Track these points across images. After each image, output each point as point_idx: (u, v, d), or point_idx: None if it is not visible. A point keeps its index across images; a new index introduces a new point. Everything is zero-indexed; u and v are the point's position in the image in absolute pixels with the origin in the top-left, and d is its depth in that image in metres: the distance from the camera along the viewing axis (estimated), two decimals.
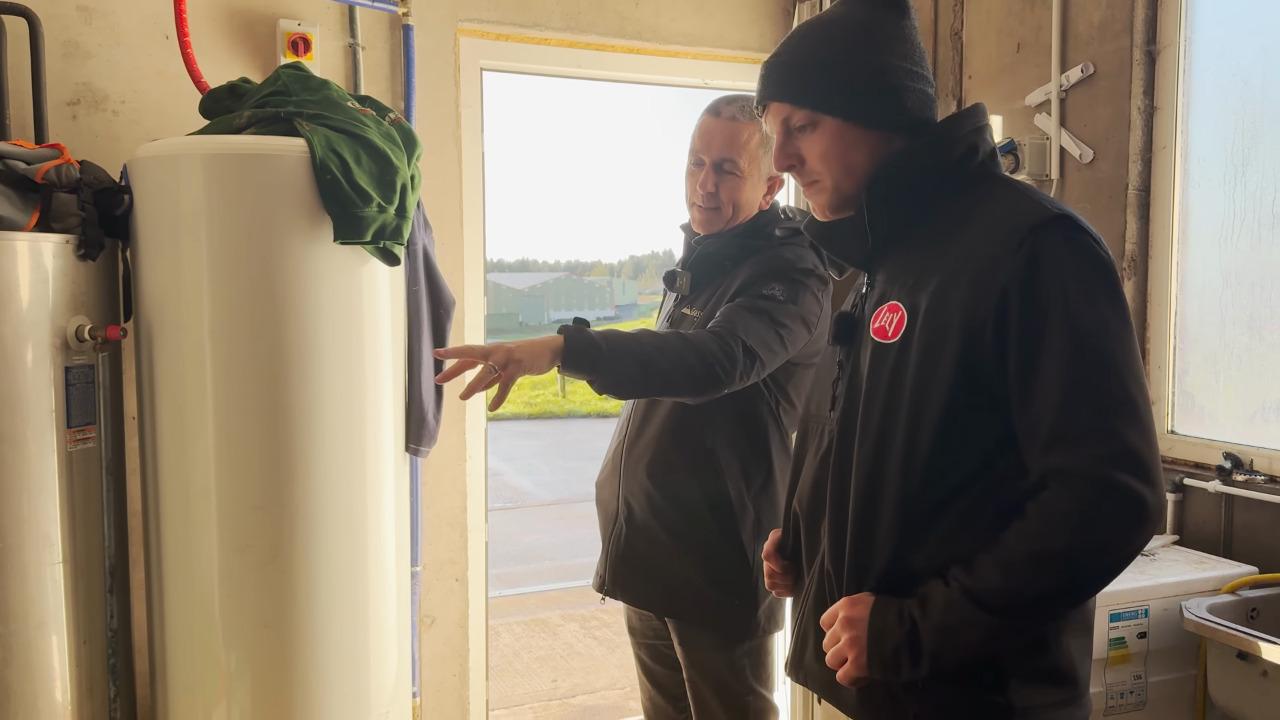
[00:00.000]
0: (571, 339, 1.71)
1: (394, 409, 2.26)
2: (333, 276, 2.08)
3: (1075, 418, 1.20)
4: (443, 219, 2.86)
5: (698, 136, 2.06)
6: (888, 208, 1.40)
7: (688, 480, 1.99)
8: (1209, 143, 2.68)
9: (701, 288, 2.09)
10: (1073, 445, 1.20)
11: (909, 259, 1.38)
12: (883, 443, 1.33)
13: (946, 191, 1.39)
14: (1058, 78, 2.93)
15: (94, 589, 2.12)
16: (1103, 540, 1.19)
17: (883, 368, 1.35)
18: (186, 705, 2.13)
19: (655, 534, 2.01)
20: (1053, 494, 1.21)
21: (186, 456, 2.07)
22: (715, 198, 2.04)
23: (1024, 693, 1.29)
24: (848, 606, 1.32)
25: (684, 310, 2.09)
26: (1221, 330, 2.65)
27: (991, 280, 1.25)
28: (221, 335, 2.03)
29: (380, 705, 2.21)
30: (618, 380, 1.76)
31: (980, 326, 1.25)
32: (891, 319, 1.36)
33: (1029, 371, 1.23)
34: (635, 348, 1.76)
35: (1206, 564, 2.46)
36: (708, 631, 2.01)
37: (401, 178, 2.11)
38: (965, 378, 1.27)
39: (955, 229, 1.34)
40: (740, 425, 1.98)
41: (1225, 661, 2.16)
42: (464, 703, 3.04)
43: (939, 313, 1.29)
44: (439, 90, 2.88)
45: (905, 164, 1.39)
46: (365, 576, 2.17)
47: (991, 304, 1.25)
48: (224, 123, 2.16)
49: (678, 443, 1.99)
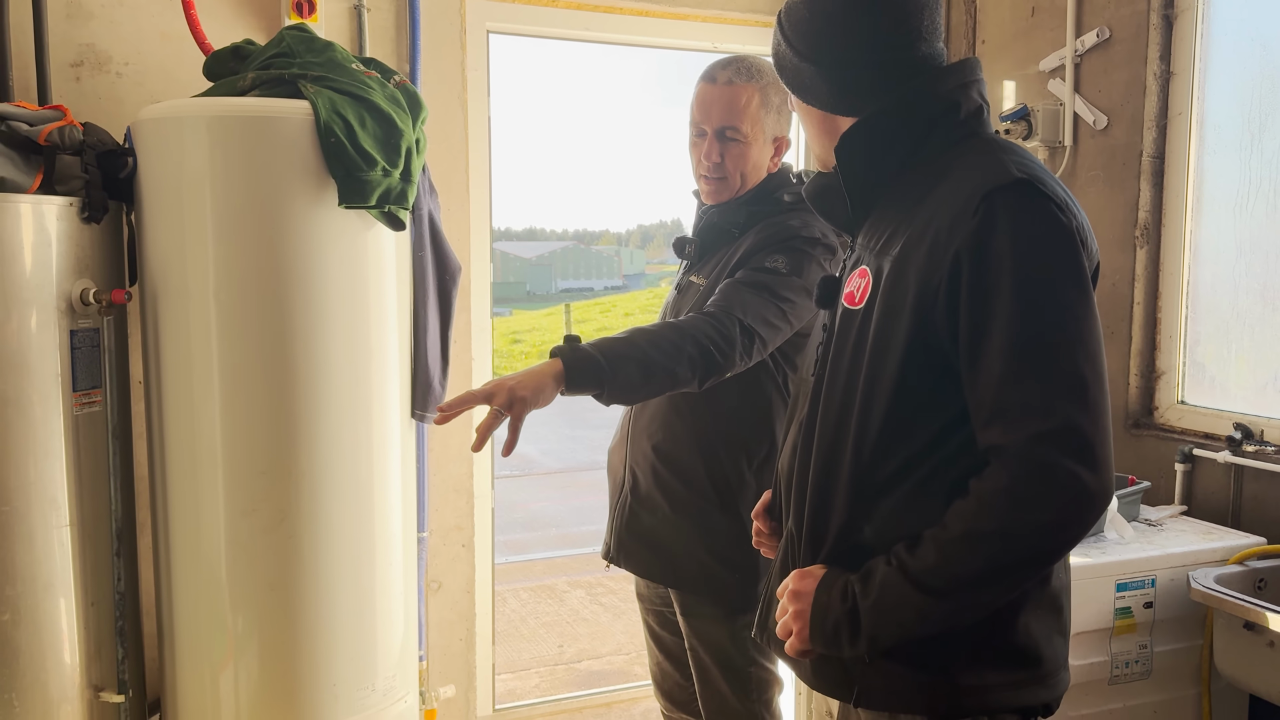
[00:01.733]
0: (570, 361, 1.67)
1: (399, 374, 2.26)
2: (337, 241, 2.07)
3: (1017, 392, 1.15)
4: (449, 184, 2.84)
5: (696, 106, 2.02)
6: (859, 166, 1.36)
7: (690, 453, 1.98)
8: (1226, 109, 2.64)
9: (708, 256, 2.06)
10: (1012, 421, 1.15)
11: (882, 220, 1.36)
12: (842, 411, 1.32)
13: (922, 152, 1.33)
14: (1073, 42, 2.89)
15: (101, 552, 2.13)
16: (1036, 523, 1.14)
17: (848, 334, 1.33)
18: (194, 668, 2.15)
19: (658, 505, 2.01)
20: (991, 471, 1.17)
21: (193, 421, 2.07)
22: (721, 168, 2.00)
23: (973, 671, 1.26)
24: (797, 579, 1.31)
25: (690, 278, 2.07)
26: (1234, 299, 2.63)
27: (947, 247, 1.21)
28: (226, 299, 2.02)
29: (387, 668, 2.22)
30: (623, 390, 1.73)
31: (934, 293, 1.21)
32: (860, 285, 1.33)
33: (976, 343, 1.18)
34: (634, 353, 1.72)
35: (1215, 534, 2.45)
36: (709, 603, 2.01)
37: (406, 141, 2.09)
38: (919, 346, 1.23)
39: (926, 190, 1.29)
40: (744, 398, 1.96)
41: (1232, 632, 2.16)
42: (470, 666, 3.06)
43: (899, 279, 1.26)
44: (445, 53, 2.84)
45: (871, 126, 1.34)
46: (372, 541, 2.18)
47: (944, 272, 1.20)
48: (228, 85, 2.14)
49: (681, 415, 1.98)
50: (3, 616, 1.98)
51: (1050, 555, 1.19)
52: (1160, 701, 2.34)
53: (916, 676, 1.27)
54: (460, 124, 2.87)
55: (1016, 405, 1.15)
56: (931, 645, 1.26)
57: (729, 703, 2.04)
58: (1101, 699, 2.29)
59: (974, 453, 1.21)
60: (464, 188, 2.90)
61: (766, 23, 3.20)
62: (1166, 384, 2.80)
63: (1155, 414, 2.82)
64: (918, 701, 1.28)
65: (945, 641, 1.25)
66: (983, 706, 1.27)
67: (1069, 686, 1.36)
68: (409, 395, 2.33)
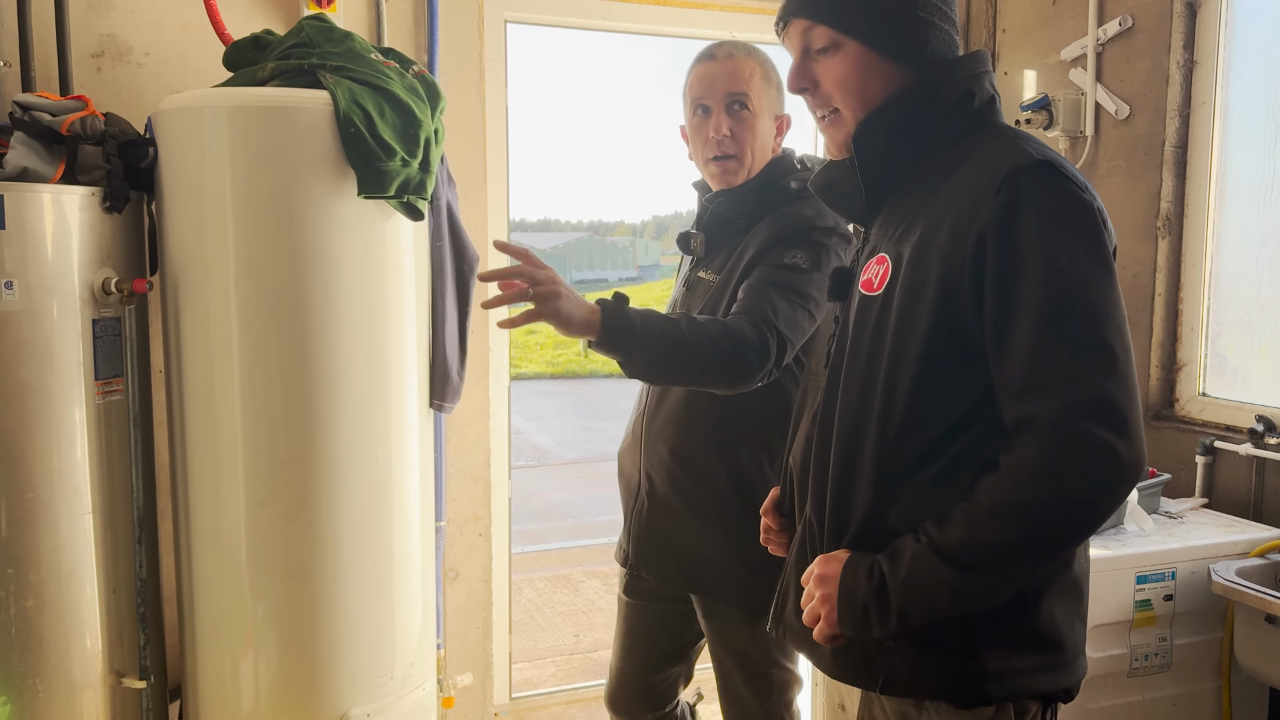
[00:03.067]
0: (609, 315, 1.61)
1: (418, 364, 2.26)
2: (356, 230, 2.08)
3: (1047, 365, 1.15)
4: (466, 174, 2.84)
5: (697, 83, 1.95)
6: (877, 157, 1.35)
7: (710, 455, 1.93)
8: (1250, 98, 2.61)
9: (717, 249, 2.00)
10: (1043, 393, 1.14)
11: (899, 209, 1.34)
12: (864, 397, 1.30)
13: (938, 140, 1.33)
14: (1094, 31, 2.86)
15: (123, 539, 2.14)
16: (1069, 493, 1.13)
17: (867, 321, 1.32)
18: (214, 655, 2.16)
19: (677, 509, 1.97)
20: (1021, 444, 1.16)
21: (213, 410, 2.08)
22: (732, 141, 1.92)
23: (999, 656, 1.25)
24: (822, 564, 1.30)
25: (700, 274, 2.01)
26: (1257, 291, 2.61)
27: (970, 228, 1.21)
28: (246, 289, 2.03)
29: (405, 656, 2.24)
30: (647, 366, 1.68)
31: (958, 276, 1.21)
32: (878, 271, 1.32)
33: (1003, 320, 1.18)
34: (673, 332, 1.67)
35: (1236, 527, 2.43)
36: (732, 607, 1.97)
37: (425, 131, 2.09)
38: (943, 329, 1.23)
39: (944, 178, 1.29)
40: (765, 397, 1.89)
41: (1253, 625, 2.15)
42: (487, 655, 3.07)
43: (920, 263, 1.25)
44: (463, 43, 2.84)
45: (894, 111, 1.33)
46: (390, 530, 2.19)
47: (969, 252, 1.20)
48: (248, 75, 2.15)
49: (697, 415, 1.93)
50: (26, 602, 2.00)
51: (1084, 527, 1.17)
52: (1179, 694, 2.33)
53: (943, 662, 1.26)
54: (478, 114, 2.87)
55: (1047, 377, 1.15)
56: (956, 630, 1.25)
57: (749, 706, 2.02)
58: (1120, 691, 2.28)
59: (999, 436, 1.20)
60: (481, 178, 2.90)
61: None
62: (1188, 376, 2.78)
63: (1176, 406, 2.80)
64: (944, 687, 1.28)
65: (971, 626, 1.25)
66: (1008, 692, 1.26)
67: (1087, 677, 1.36)
68: (427, 385, 2.34)
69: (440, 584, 2.86)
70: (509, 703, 3.21)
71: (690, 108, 1.98)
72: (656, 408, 1.99)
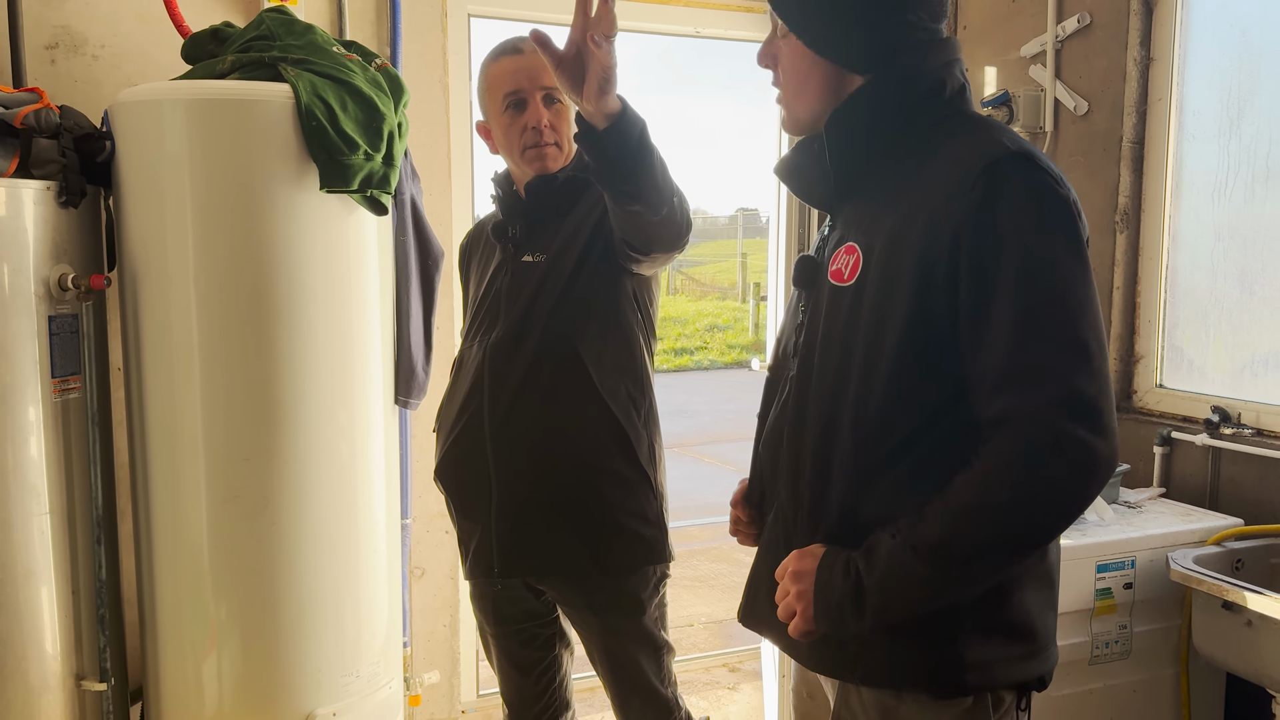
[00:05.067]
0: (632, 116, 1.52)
1: (382, 360, 2.25)
2: (319, 225, 2.05)
3: (1023, 361, 1.15)
4: (430, 169, 2.82)
5: (506, 78, 1.92)
6: (848, 145, 1.34)
7: (586, 413, 1.89)
8: (1205, 95, 2.66)
9: (537, 234, 1.97)
10: (1019, 389, 1.14)
11: (869, 199, 1.34)
12: (838, 389, 1.30)
13: (910, 129, 1.33)
14: (1053, 28, 2.90)
15: (82, 540, 2.11)
16: (1046, 490, 1.14)
17: (838, 311, 1.31)
18: (177, 656, 2.13)
19: (556, 479, 1.90)
20: (997, 440, 1.16)
21: (174, 407, 2.05)
22: (553, 131, 1.93)
23: (976, 646, 1.26)
24: (797, 560, 1.30)
25: (525, 258, 1.97)
26: (1212, 284, 2.66)
27: (945, 220, 1.20)
28: (207, 285, 2.00)
29: (371, 654, 2.22)
30: (638, 178, 1.58)
31: (933, 267, 1.21)
32: (848, 261, 1.31)
33: (979, 313, 1.18)
34: (659, 159, 1.61)
35: (1193, 516, 2.48)
36: (624, 578, 1.95)
37: (389, 125, 2.07)
38: (919, 321, 1.22)
39: (916, 168, 1.29)
40: (623, 353, 1.92)
41: (1210, 612, 2.19)
42: (454, 652, 3.06)
43: (893, 254, 1.25)
44: (426, 37, 2.82)
45: (867, 100, 1.33)
46: (355, 528, 2.17)
47: (945, 245, 1.20)
48: (207, 68, 2.12)
49: (557, 380, 1.89)
50: None
51: (1060, 523, 1.18)
52: (1139, 681, 2.37)
53: (921, 653, 1.27)
54: (442, 108, 2.85)
55: (1023, 374, 1.15)
56: (935, 621, 1.25)
57: (658, 695, 2.00)
58: (1082, 679, 2.32)
59: (974, 430, 1.20)
60: (446, 172, 2.88)
61: (747, 7, 3.20)
62: (1145, 368, 2.83)
63: (1134, 397, 2.85)
64: (922, 677, 1.28)
65: (948, 617, 1.25)
66: (986, 682, 1.27)
67: None
68: (392, 381, 2.32)
69: (406, 581, 2.84)
70: (476, 699, 3.20)
71: (498, 103, 1.95)
72: (495, 400, 1.92)
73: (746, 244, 25.30)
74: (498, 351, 1.93)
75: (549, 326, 1.89)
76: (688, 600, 5.00)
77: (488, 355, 1.94)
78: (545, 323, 1.89)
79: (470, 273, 2.16)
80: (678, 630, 4.47)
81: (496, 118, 1.96)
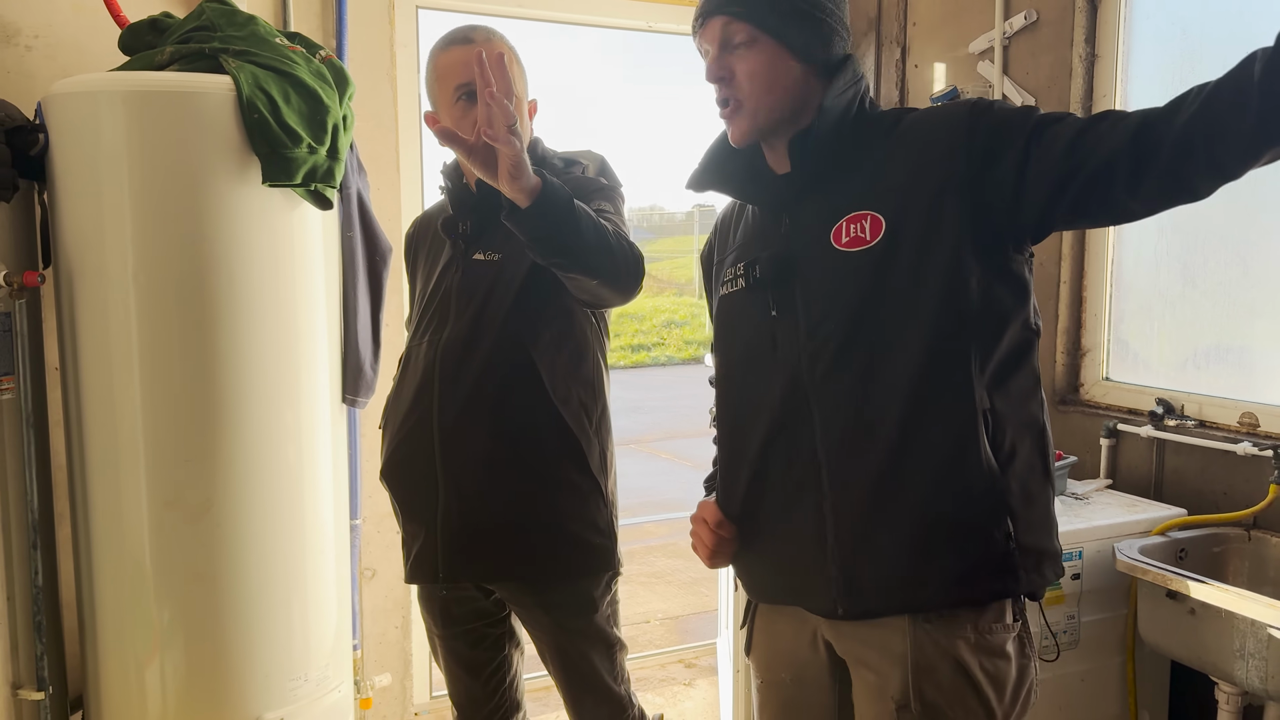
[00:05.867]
0: (553, 190, 1.54)
1: (329, 358, 2.21)
2: (262, 220, 2.01)
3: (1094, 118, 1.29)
4: (378, 163, 2.78)
5: (459, 68, 1.83)
6: (834, 143, 1.44)
7: (537, 419, 1.86)
8: (1148, 91, 2.70)
9: (490, 231, 1.90)
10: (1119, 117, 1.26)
11: (844, 183, 1.42)
12: (885, 335, 1.35)
13: (861, 123, 1.45)
14: (1001, 25, 2.93)
15: (17, 544, 2.05)
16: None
17: (871, 267, 1.36)
18: (118, 662, 2.08)
19: (506, 486, 1.87)
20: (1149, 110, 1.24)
21: (113, 408, 2.00)
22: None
23: (1021, 559, 1.37)
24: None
25: (476, 256, 1.91)
26: (1156, 279, 2.70)
27: (952, 144, 1.34)
28: (146, 282, 1.95)
29: (320, 658, 2.18)
30: (563, 246, 1.58)
31: (963, 175, 1.32)
32: (861, 225, 1.38)
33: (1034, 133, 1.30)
34: (589, 220, 1.61)
35: (1138, 507, 2.52)
36: (575, 582, 1.93)
37: (333, 117, 2.04)
38: (972, 214, 1.32)
39: (886, 144, 1.41)
40: (577, 360, 1.90)
41: (1155, 600, 2.22)
42: (406, 654, 3.02)
43: (918, 194, 1.35)
44: (373, 29, 2.78)
45: (835, 105, 1.43)
46: (302, 529, 2.13)
47: (960, 154, 1.32)
48: (145, 59, 2.06)
49: (509, 385, 1.86)
50: None
51: None
52: (1087, 670, 2.40)
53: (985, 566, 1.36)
54: (389, 101, 2.81)
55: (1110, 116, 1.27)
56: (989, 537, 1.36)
57: (612, 693, 1.99)
58: None
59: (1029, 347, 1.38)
60: (394, 167, 2.84)
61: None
62: (1092, 361, 2.87)
63: (1081, 390, 2.89)
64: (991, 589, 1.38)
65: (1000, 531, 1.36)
66: (1026, 587, 1.40)
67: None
68: (339, 380, 2.29)
69: (356, 583, 2.80)
70: (430, 701, 3.17)
71: (449, 94, 1.86)
72: (446, 402, 1.88)
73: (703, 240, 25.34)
74: (449, 352, 1.88)
75: (503, 331, 1.85)
76: (644, 597, 5.00)
77: (439, 356, 1.89)
78: (499, 327, 1.85)
79: (418, 265, 2.09)
80: (634, 627, 4.46)
81: (447, 109, 1.89)
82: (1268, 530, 2.34)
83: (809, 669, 1.54)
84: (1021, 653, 1.43)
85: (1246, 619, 1.99)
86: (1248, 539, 2.36)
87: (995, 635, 1.39)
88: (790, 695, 1.58)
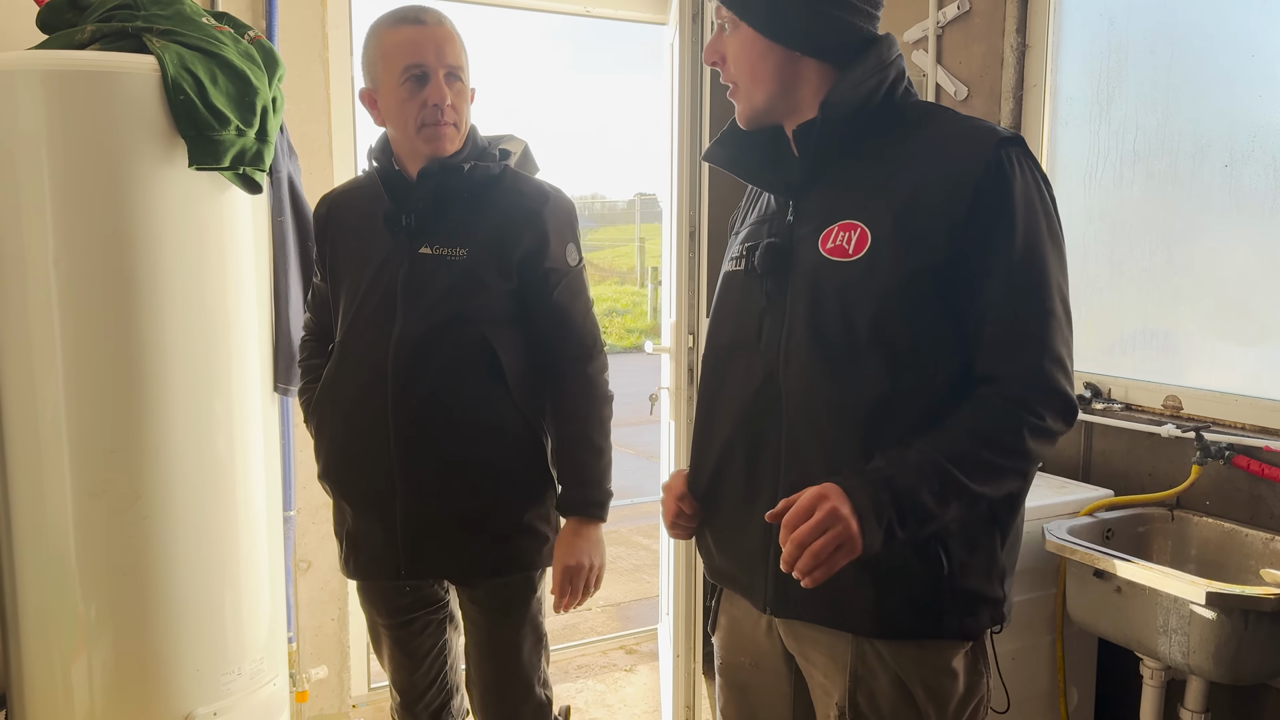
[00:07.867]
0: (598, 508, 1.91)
1: (260, 346, 2.16)
2: (188, 205, 1.96)
3: (1022, 329, 1.30)
4: (310, 147, 2.73)
5: (408, 49, 1.78)
6: (836, 132, 1.37)
7: (497, 422, 1.86)
8: (1077, 82, 2.75)
9: (442, 222, 1.85)
10: (1018, 351, 1.29)
11: (852, 181, 1.37)
12: (849, 355, 1.32)
13: (884, 116, 1.38)
14: (935, 14, 2.96)
15: None
16: (1047, 428, 1.29)
17: (845, 284, 1.33)
18: (43, 659, 2.02)
19: (469, 482, 1.86)
20: (998, 388, 1.28)
21: (34, 397, 1.94)
22: (453, 111, 1.82)
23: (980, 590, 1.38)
24: (816, 499, 1.24)
25: (423, 250, 1.84)
26: (1084, 266, 2.75)
27: (961, 187, 1.29)
28: (68, 268, 1.89)
29: (254, 651, 2.14)
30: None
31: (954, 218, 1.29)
32: (848, 236, 1.34)
33: (979, 276, 1.29)
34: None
35: (1067, 488, 2.57)
36: (529, 573, 1.94)
37: (262, 99, 1.99)
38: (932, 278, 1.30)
39: (904, 148, 1.35)
40: (526, 356, 1.91)
41: (1083, 580, 2.27)
42: (343, 646, 2.99)
43: (911, 222, 1.30)
44: (304, 9, 2.72)
45: (845, 99, 1.36)
46: (233, 521, 2.09)
47: (964, 208, 1.28)
48: (65, 38, 2.00)
49: (470, 382, 1.84)
50: None
51: (1042, 459, 1.34)
52: (1018, 649, 2.45)
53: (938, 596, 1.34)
54: (322, 84, 2.76)
55: (1023, 338, 1.29)
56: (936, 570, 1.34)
57: (534, 695, 2.00)
58: None
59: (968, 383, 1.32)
60: (327, 150, 2.79)
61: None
62: None
63: None
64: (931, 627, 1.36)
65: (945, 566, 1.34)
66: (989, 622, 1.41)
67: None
68: (270, 368, 2.24)
69: (291, 575, 2.76)
70: (368, 693, 3.13)
71: (395, 74, 1.80)
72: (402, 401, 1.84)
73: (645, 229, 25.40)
74: (402, 349, 1.82)
75: (466, 332, 1.82)
76: None
77: (391, 353, 1.83)
78: (461, 327, 1.82)
79: (337, 250, 1.97)
80: (576, 614, 4.46)
81: (392, 89, 1.82)
82: (1190, 510, 2.41)
83: (766, 658, 1.55)
84: (972, 669, 1.41)
85: (1170, 596, 2.05)
86: (1171, 519, 2.43)
87: (942, 652, 1.38)
88: (749, 679, 1.59)
